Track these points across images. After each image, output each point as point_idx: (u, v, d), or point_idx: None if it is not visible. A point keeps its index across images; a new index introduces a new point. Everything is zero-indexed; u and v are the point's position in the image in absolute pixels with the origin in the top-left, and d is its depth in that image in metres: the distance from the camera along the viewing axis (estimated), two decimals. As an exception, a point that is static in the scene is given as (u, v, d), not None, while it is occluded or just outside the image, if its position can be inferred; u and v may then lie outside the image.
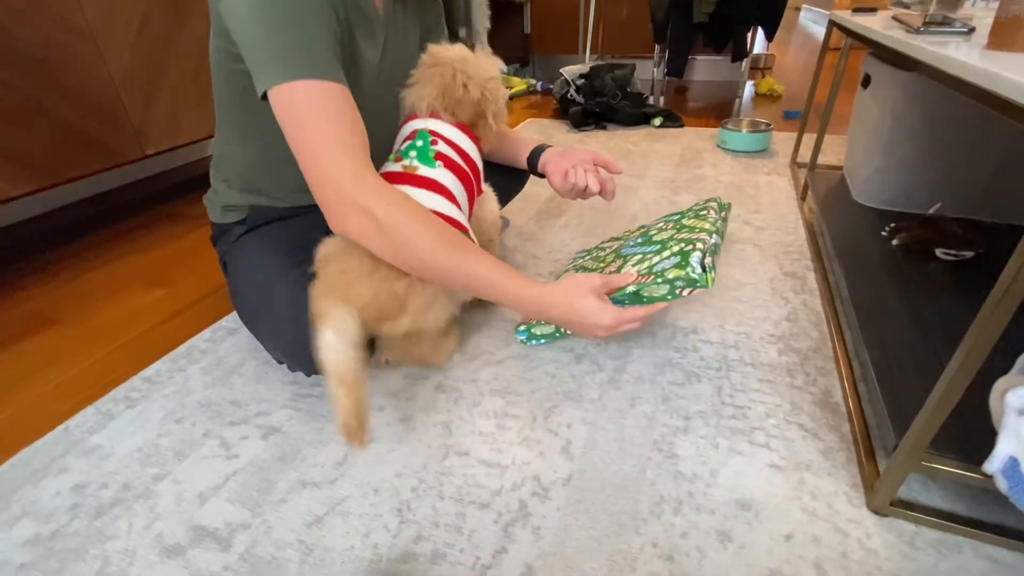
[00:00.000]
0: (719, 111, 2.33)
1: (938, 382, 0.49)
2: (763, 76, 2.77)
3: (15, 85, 1.05)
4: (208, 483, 0.66)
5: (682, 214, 0.88)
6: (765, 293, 0.99)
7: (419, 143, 0.75)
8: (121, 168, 1.35)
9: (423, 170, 0.73)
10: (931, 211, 0.97)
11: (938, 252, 0.88)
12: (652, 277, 0.71)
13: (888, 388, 0.63)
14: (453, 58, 0.78)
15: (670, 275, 0.69)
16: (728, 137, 1.77)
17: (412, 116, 0.80)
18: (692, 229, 0.77)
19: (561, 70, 2.30)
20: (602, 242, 1.07)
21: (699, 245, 0.71)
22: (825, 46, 1.42)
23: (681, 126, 2.07)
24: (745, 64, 2.50)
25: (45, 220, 1.46)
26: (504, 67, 0.86)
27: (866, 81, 1.12)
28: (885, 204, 1.07)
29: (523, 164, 0.99)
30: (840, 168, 1.35)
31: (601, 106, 2.13)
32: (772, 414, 0.72)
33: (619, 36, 2.92)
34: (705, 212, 0.83)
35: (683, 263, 0.69)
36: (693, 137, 1.95)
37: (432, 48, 0.79)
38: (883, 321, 0.76)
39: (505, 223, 1.25)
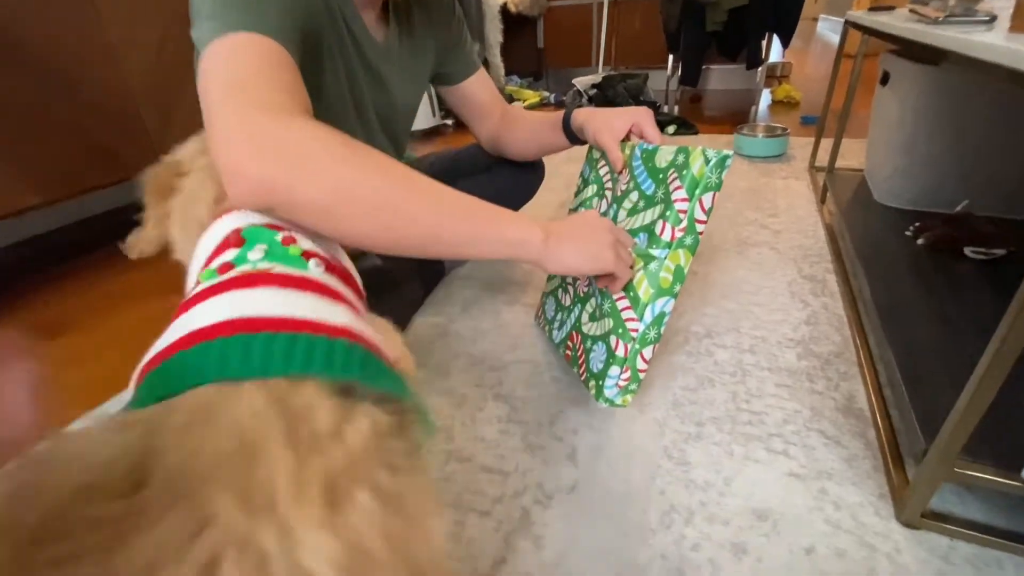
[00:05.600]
0: (735, 118, 2.29)
1: (968, 382, 0.46)
2: (780, 84, 2.73)
3: (37, 98, 1.09)
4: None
5: (654, 191, 0.64)
6: (783, 296, 0.95)
7: (259, 247, 0.40)
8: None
9: (287, 270, 0.39)
10: (957, 209, 0.92)
11: (967, 251, 0.84)
12: (584, 368, 0.70)
13: (916, 392, 0.59)
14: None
15: (590, 384, 0.68)
16: (744, 143, 1.73)
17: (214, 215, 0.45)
18: (629, 285, 0.62)
19: (573, 81, 2.31)
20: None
21: (620, 347, 0.62)
22: (840, 51, 1.39)
23: (695, 133, 2.04)
24: (760, 72, 2.47)
25: (64, 233, 1.50)
26: None
27: (885, 78, 1.09)
28: (908, 204, 1.03)
29: (559, 143, 0.84)
30: (860, 170, 1.30)
31: (614, 115, 2.12)
32: (791, 420, 0.68)
33: (632, 48, 2.92)
34: (677, 220, 0.60)
35: (600, 380, 0.66)
36: (707, 143, 1.91)
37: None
38: (909, 322, 0.71)
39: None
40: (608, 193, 0.74)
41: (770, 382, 0.75)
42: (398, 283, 0.95)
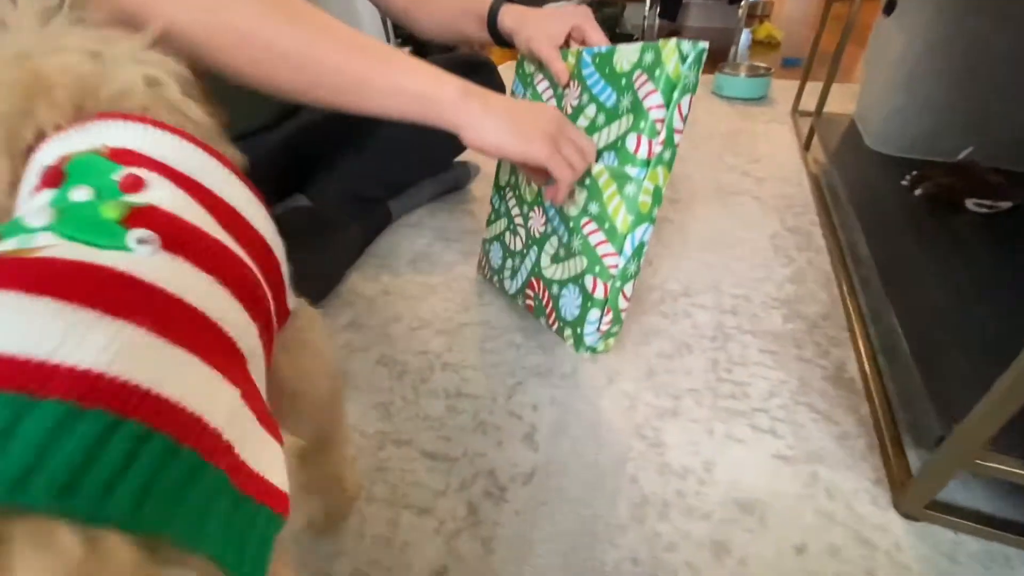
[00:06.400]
0: (713, 57, 2.15)
1: (1013, 364, 0.37)
2: (761, 23, 2.58)
3: None
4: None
5: (617, 100, 0.53)
6: (766, 251, 0.86)
7: (78, 190, 0.23)
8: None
9: (57, 253, 0.19)
10: (961, 156, 0.84)
11: (969, 203, 0.76)
12: (555, 316, 0.62)
13: (924, 365, 0.52)
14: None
15: (566, 334, 0.60)
16: (724, 82, 1.61)
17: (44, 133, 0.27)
18: (603, 216, 0.54)
19: (545, 8, 2.09)
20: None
21: (598, 288, 0.55)
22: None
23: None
24: (742, 8, 2.31)
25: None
26: None
27: (889, 7, 0.97)
28: (905, 151, 0.94)
29: (481, 38, 0.67)
30: (849, 115, 1.20)
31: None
32: (777, 392, 0.61)
33: (608, -26, 2.68)
34: (653, 132, 0.50)
35: (577, 327, 0.58)
36: (686, 83, 1.78)
37: None
38: (909, 283, 0.63)
39: (474, 169, 1.09)
40: None
41: (753, 348, 0.67)
42: (331, 227, 0.80)
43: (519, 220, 0.68)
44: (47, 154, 0.27)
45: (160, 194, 0.25)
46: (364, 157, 0.86)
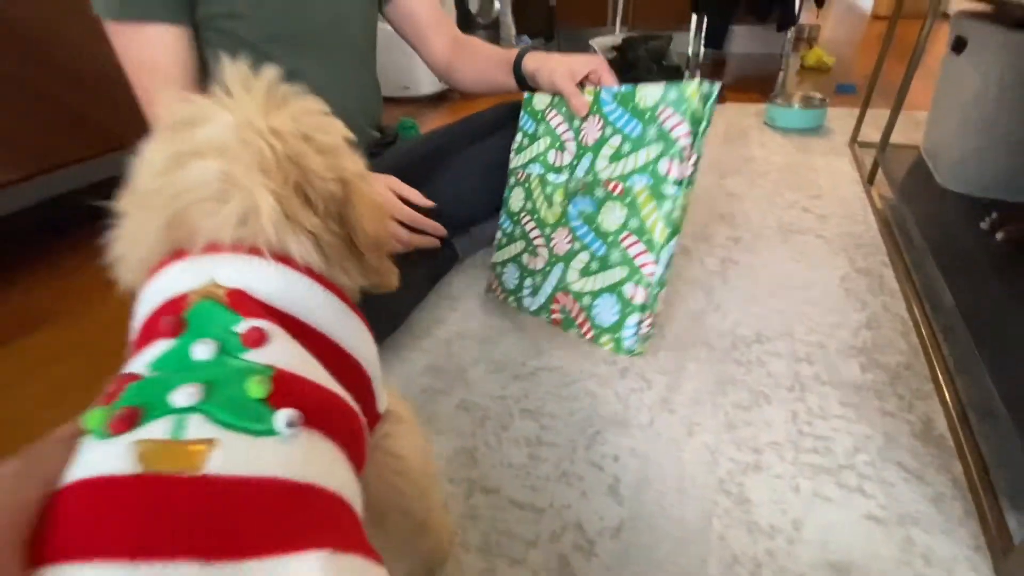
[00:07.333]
0: (762, 86, 2.14)
1: None
2: (809, 48, 2.55)
3: (4, 65, 0.96)
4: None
5: (643, 131, 0.61)
6: (837, 294, 0.85)
7: (201, 346, 0.24)
8: (122, 153, 1.27)
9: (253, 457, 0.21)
10: (1046, 199, 0.81)
11: (1058, 249, 0.74)
12: (588, 325, 0.66)
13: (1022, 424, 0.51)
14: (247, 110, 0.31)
15: (603, 340, 0.64)
16: (778, 114, 1.60)
17: (163, 262, 0.30)
18: (643, 229, 0.61)
19: (591, 42, 2.14)
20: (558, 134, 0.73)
21: (638, 294, 0.61)
22: (897, 11, 1.25)
23: (723, 101, 1.90)
24: (790, 34, 2.30)
25: (43, 209, 1.39)
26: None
27: (959, 45, 0.96)
28: (981, 191, 0.92)
29: (508, 85, 0.81)
30: (914, 147, 1.18)
31: (634, 81, 1.97)
32: (862, 448, 0.60)
33: (652, 5, 2.72)
34: (682, 157, 0.58)
35: (616, 332, 0.63)
36: (737, 113, 1.78)
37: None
38: (1001, 337, 0.62)
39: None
40: (570, 144, 0.71)
41: (833, 399, 0.67)
42: (397, 265, 0.84)
43: (539, 241, 0.74)
44: (154, 291, 0.28)
45: (280, 349, 0.26)
46: (430, 196, 0.91)
